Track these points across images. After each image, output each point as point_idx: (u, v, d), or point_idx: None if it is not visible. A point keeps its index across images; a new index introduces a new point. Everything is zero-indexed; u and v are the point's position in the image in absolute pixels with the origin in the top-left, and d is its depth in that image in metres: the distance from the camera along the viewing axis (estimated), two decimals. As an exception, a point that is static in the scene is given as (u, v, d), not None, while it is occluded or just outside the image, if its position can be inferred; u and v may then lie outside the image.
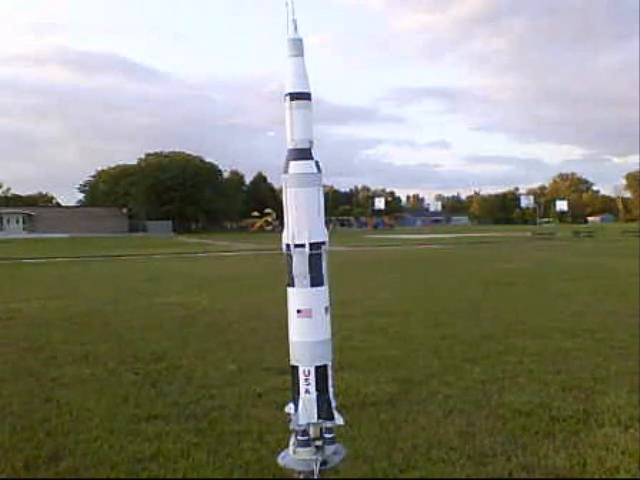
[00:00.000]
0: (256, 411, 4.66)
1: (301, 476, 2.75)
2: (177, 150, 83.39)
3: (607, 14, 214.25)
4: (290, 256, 2.72)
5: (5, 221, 71.10)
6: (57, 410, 4.80)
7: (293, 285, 2.73)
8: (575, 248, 29.38)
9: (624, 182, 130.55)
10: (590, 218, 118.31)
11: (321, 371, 2.74)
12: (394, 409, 4.66)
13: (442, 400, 4.85)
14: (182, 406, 4.83)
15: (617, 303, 9.99)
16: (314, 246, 2.69)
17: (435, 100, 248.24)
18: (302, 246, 2.68)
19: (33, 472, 3.70)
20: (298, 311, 2.72)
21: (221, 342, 7.33)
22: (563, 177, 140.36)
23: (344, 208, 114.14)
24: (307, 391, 2.73)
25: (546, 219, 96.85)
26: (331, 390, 2.80)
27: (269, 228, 77.63)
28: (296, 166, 2.68)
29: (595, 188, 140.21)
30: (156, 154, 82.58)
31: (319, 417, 2.73)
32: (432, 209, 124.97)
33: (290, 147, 2.70)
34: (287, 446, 2.83)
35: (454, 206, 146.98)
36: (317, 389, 2.73)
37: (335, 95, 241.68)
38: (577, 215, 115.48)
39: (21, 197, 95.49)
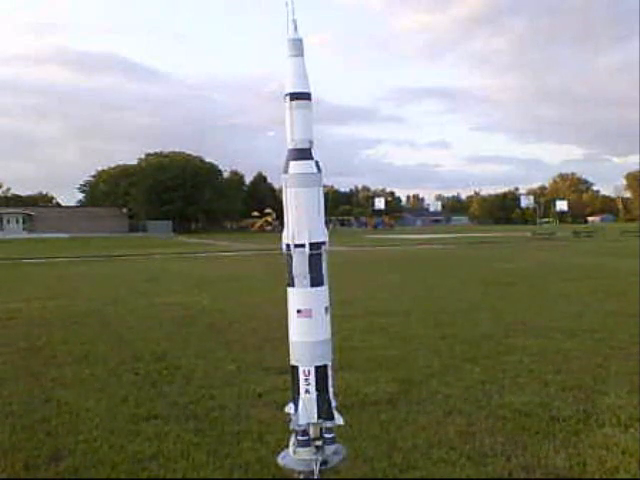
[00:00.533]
0: (256, 411, 4.66)
1: (301, 476, 2.75)
2: (177, 150, 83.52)
3: (607, 14, 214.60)
4: (290, 256, 2.72)
5: (5, 221, 71.09)
6: (57, 410, 4.80)
7: (293, 285, 2.73)
8: (575, 248, 29.38)
9: (624, 182, 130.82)
10: (590, 218, 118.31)
11: (321, 371, 2.74)
12: (394, 409, 4.65)
13: (442, 400, 4.85)
14: (182, 406, 4.83)
15: (617, 303, 9.99)
16: (314, 246, 2.69)
17: (435, 100, 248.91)
18: (302, 246, 2.68)
19: (33, 472, 3.70)
20: (298, 311, 2.72)
21: (221, 342, 7.33)
22: (563, 177, 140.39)
23: (344, 208, 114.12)
24: (307, 391, 2.73)
25: (546, 219, 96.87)
26: (331, 390, 2.80)
27: (269, 228, 77.66)
28: (296, 166, 2.68)
29: (595, 188, 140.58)
30: (156, 154, 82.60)
31: (319, 417, 2.73)
32: (432, 209, 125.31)
33: (290, 147, 2.70)
34: (287, 446, 2.83)
35: (454, 206, 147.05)
36: (317, 389, 2.74)
37: (335, 95, 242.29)
38: (577, 215, 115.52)
39: (21, 197, 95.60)
